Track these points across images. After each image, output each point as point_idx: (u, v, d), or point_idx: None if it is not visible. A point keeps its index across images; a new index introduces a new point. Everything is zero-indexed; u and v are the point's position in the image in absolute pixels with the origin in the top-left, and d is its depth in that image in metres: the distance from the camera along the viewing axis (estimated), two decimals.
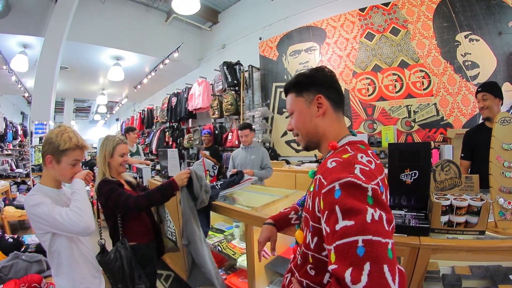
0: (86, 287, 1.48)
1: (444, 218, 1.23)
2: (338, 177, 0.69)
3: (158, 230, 2.16)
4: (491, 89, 2.44)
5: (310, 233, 0.86)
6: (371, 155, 0.83)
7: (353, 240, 0.59)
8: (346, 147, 0.87)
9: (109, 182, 1.88)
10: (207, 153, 4.05)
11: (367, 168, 0.73)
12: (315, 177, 0.83)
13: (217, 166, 3.30)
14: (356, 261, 0.57)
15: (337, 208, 0.65)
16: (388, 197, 0.84)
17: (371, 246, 0.57)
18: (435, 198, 1.25)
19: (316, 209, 0.78)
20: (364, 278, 0.54)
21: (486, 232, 1.22)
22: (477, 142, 2.47)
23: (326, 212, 0.69)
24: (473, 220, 1.21)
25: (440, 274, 1.45)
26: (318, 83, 0.95)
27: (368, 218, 0.61)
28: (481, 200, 1.20)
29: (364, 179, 0.68)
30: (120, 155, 1.99)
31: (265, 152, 3.59)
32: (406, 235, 1.21)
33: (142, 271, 1.85)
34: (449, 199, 1.23)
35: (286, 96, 1.04)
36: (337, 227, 0.63)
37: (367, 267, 0.55)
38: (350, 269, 0.56)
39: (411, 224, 1.22)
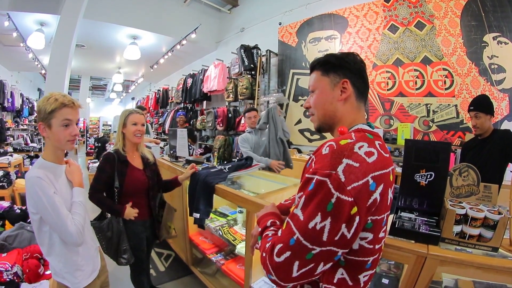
0: (77, 269, 1.39)
1: (457, 228, 1.14)
2: (320, 170, 0.72)
3: (155, 212, 2.20)
4: (483, 107, 2.51)
5: None
6: (377, 146, 0.78)
7: (294, 231, 0.72)
8: (352, 133, 0.82)
9: (108, 159, 1.97)
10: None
11: (357, 164, 0.70)
12: (311, 156, 0.83)
13: (193, 147, 3.30)
14: (286, 244, 0.72)
15: (304, 197, 0.73)
16: (390, 195, 0.79)
17: (299, 244, 0.70)
18: (450, 205, 1.16)
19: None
20: (281, 259, 0.71)
21: (499, 249, 1.12)
22: (468, 149, 2.72)
23: (300, 192, 0.77)
24: (487, 235, 1.12)
25: (443, 286, 1.38)
26: (347, 68, 0.91)
27: (311, 225, 0.69)
28: (499, 213, 1.10)
29: (343, 179, 0.68)
30: (133, 123, 2.02)
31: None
32: (413, 241, 1.15)
33: (128, 245, 1.96)
34: (464, 208, 1.14)
35: (310, 73, 0.99)
36: (295, 211, 0.75)
37: (288, 253, 0.71)
38: (280, 245, 0.73)
39: (420, 230, 1.15)
